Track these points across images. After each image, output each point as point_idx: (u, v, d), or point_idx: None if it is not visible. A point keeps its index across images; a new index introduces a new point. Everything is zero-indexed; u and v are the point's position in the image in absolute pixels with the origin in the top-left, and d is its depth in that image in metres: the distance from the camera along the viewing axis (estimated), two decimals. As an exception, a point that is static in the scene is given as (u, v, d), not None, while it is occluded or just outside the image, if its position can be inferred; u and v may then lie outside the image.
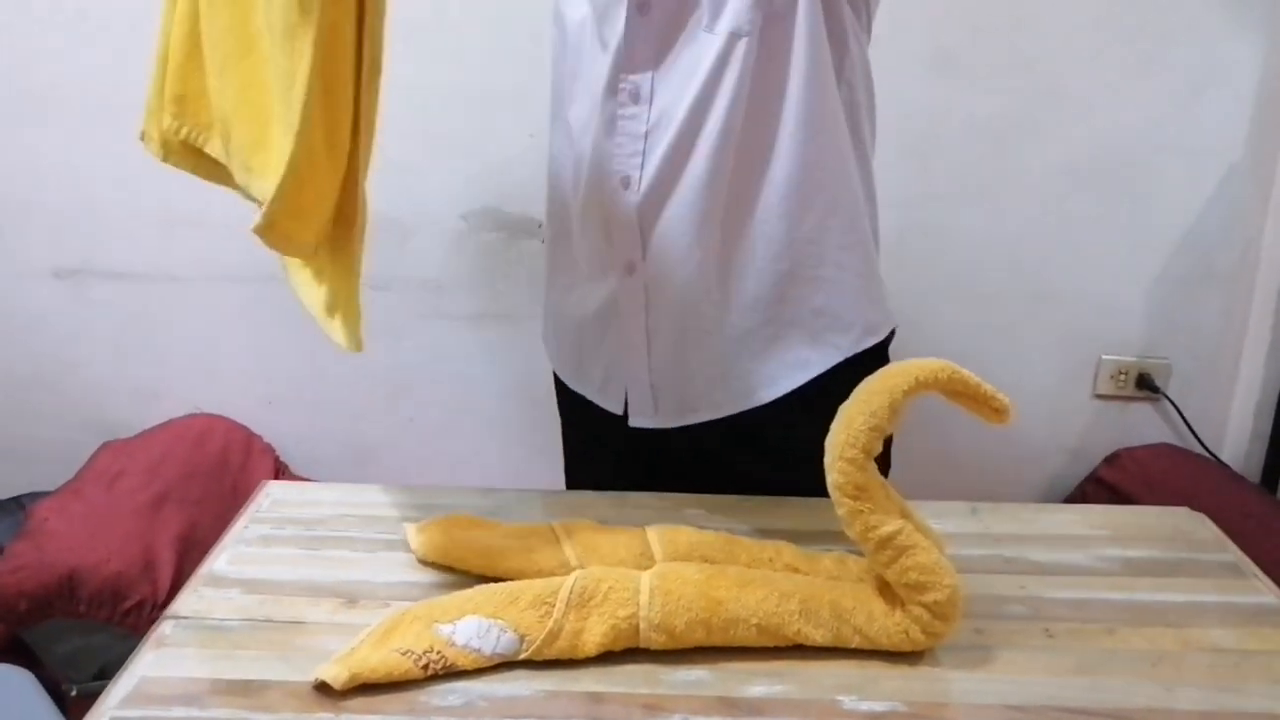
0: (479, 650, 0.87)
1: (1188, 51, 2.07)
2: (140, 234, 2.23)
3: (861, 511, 0.90)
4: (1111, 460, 2.27)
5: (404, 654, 0.86)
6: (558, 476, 1.53)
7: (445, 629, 0.88)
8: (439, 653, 0.87)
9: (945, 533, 1.07)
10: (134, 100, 2.15)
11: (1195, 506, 1.20)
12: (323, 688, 0.84)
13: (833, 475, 0.90)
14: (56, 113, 2.16)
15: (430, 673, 0.86)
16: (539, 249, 2.21)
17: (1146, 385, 2.26)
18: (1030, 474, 2.31)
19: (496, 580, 0.96)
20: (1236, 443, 2.25)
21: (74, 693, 1.69)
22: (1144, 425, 2.29)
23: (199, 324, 2.29)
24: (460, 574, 1.01)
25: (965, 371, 0.90)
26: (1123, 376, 2.26)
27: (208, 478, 2.03)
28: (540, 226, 2.20)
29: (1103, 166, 2.14)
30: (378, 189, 2.18)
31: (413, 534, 1.06)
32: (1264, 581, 1.04)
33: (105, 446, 2.09)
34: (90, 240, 2.24)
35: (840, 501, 0.90)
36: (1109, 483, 2.22)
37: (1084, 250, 2.19)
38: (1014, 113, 2.10)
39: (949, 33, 2.05)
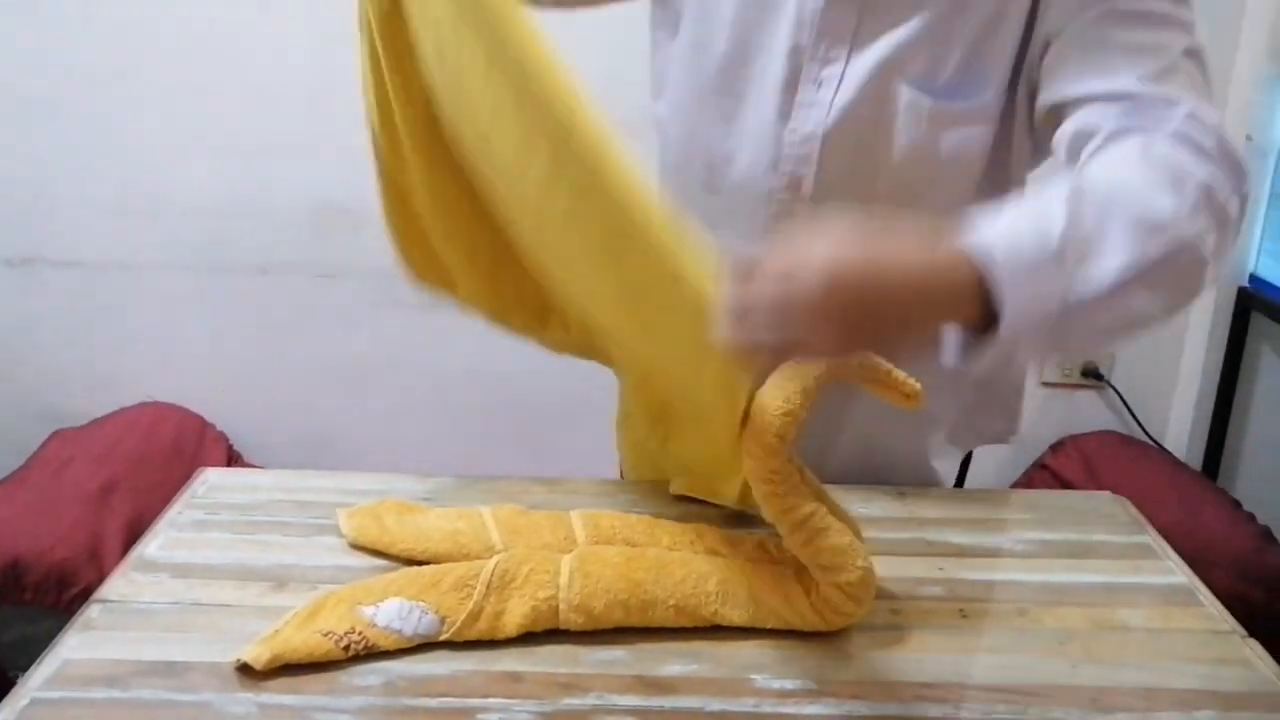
0: (400, 631, 0.89)
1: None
2: (93, 222, 2.23)
3: (776, 494, 0.92)
4: (1057, 448, 2.31)
5: (325, 635, 0.87)
6: (510, 462, 1.54)
7: (368, 611, 0.90)
8: (360, 634, 0.88)
9: (871, 517, 1.09)
10: (84, 88, 2.15)
11: (1137, 493, 1.23)
12: (245, 669, 0.85)
13: (748, 462, 0.92)
14: (6, 101, 2.15)
15: (351, 653, 0.87)
16: (491, 238, 2.22)
17: (1092, 374, 2.30)
18: (976, 462, 2.34)
19: (425, 564, 0.98)
20: (1178, 430, 2.29)
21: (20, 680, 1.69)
22: (1089, 413, 2.33)
23: (152, 313, 2.29)
24: (390, 558, 1.02)
25: (877, 358, 0.92)
26: (1068, 365, 2.30)
27: (159, 466, 2.03)
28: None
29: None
30: (332, 177, 2.20)
31: (344, 519, 1.07)
32: (1175, 562, 1.07)
33: (55, 435, 2.09)
34: (42, 228, 2.24)
35: (756, 487, 0.92)
36: (1054, 470, 2.26)
37: (1030, 240, 2.22)
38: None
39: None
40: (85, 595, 0.97)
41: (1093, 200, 0.80)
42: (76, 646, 0.89)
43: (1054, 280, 0.75)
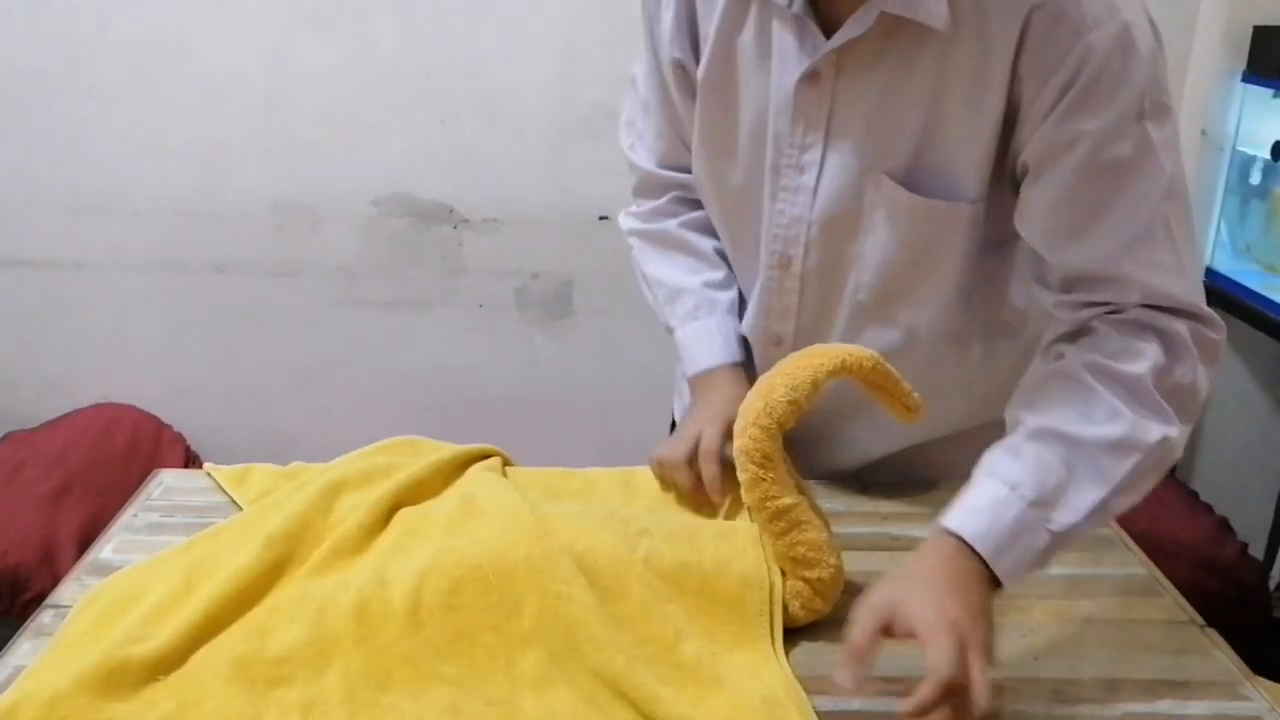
0: None
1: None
2: (45, 221, 2.19)
3: (764, 480, 0.92)
4: (1018, 441, 2.32)
5: None
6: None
7: None
8: None
9: (835, 511, 1.09)
10: (34, 85, 2.12)
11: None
12: None
13: (743, 440, 0.92)
14: (-47, 97, 2.11)
15: None
16: (450, 235, 2.20)
17: (1051, 367, 2.31)
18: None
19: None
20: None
21: (-27, 687, 1.66)
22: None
23: (107, 312, 2.26)
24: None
25: (888, 365, 0.93)
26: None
27: (114, 468, 2.00)
28: (451, 212, 2.20)
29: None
30: (288, 174, 2.18)
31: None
32: (1136, 553, 1.08)
33: (7, 437, 2.05)
34: (-9, 227, 2.20)
35: (745, 467, 0.92)
36: (1015, 463, 2.27)
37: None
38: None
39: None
40: (39, 601, 0.96)
41: (1055, 443, 0.89)
42: (28, 653, 0.87)
43: (1035, 535, 0.87)
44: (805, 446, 1.15)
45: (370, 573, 0.92)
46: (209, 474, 1.16)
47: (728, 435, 1.04)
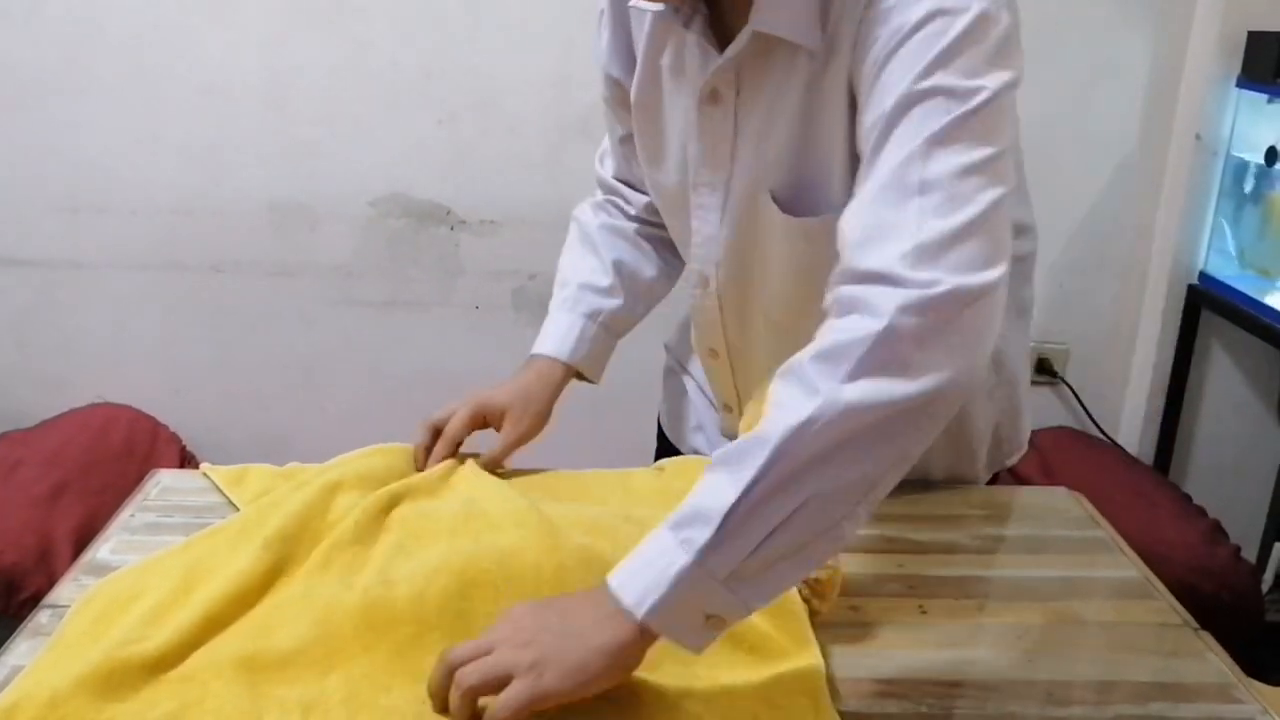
0: None
1: (1082, 44, 2.13)
2: (42, 220, 2.19)
3: None
4: (1012, 443, 2.32)
5: None
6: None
7: None
8: None
9: (830, 514, 1.10)
10: (31, 83, 2.12)
11: (1092, 488, 1.24)
12: None
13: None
14: (-50, 96, 2.11)
15: None
16: (447, 236, 2.21)
17: (1045, 370, 2.32)
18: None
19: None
20: (1130, 425, 2.32)
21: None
22: (1043, 409, 2.36)
23: (103, 312, 2.26)
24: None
25: None
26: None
27: (111, 468, 2.00)
28: (448, 213, 2.20)
29: (1002, 156, 2.18)
30: (285, 175, 2.18)
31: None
32: (1130, 557, 1.08)
33: (3, 437, 2.05)
34: (-12, 226, 2.20)
35: None
36: (1010, 466, 2.28)
37: (985, 238, 2.24)
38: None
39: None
40: (35, 600, 0.96)
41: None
42: (26, 653, 0.87)
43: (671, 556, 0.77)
44: None
45: (374, 574, 0.92)
46: (205, 474, 1.16)
47: (475, 425, 1.16)
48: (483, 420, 1.19)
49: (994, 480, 1.28)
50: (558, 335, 1.23)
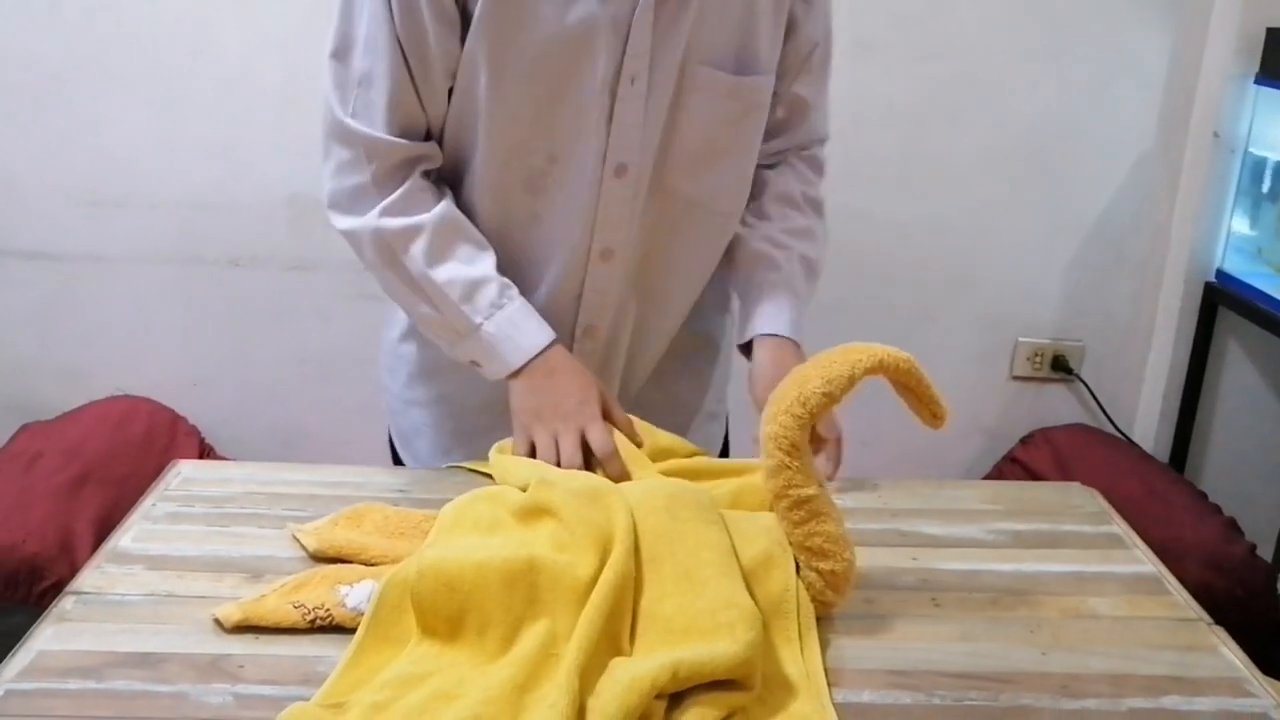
0: (364, 613, 0.89)
1: (1100, 41, 2.13)
2: (63, 213, 2.21)
3: (789, 468, 0.92)
4: (1027, 440, 2.33)
5: (296, 606, 0.89)
6: (484, 454, 1.54)
7: (343, 590, 0.90)
8: (328, 610, 0.89)
9: (846, 507, 1.10)
10: (53, 77, 2.13)
11: (1106, 485, 1.24)
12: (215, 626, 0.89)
13: (773, 426, 0.92)
14: (-27, 90, 2.13)
15: (315, 626, 0.89)
16: (465, 231, 2.21)
17: (1061, 367, 2.32)
18: (949, 455, 2.36)
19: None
20: (1146, 423, 2.32)
21: (-10, 674, 1.68)
22: (1059, 406, 2.36)
23: (124, 305, 2.27)
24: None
25: (922, 370, 0.93)
26: (1038, 359, 2.32)
27: (130, 460, 2.02)
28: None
29: (1018, 154, 2.19)
30: (304, 169, 2.19)
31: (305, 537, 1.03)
32: (1144, 551, 1.08)
33: (24, 428, 2.07)
34: (11, 220, 2.22)
35: (772, 453, 0.93)
36: (1024, 462, 2.28)
37: (1001, 235, 2.24)
38: (932, 100, 2.14)
39: (867, 20, 2.08)
40: (57, 589, 0.97)
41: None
42: (51, 638, 0.88)
43: None
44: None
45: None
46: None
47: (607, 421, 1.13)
48: (608, 412, 1.16)
49: (997, 474, 1.29)
50: (535, 322, 1.17)
